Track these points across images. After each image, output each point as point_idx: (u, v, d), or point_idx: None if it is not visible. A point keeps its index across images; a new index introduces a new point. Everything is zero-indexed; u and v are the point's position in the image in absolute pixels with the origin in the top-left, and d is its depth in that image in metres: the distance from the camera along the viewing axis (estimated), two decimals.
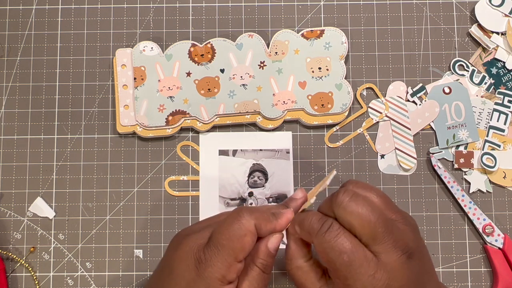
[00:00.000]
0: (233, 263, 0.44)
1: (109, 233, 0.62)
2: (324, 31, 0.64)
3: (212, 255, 0.44)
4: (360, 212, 0.43)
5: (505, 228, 0.62)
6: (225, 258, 0.44)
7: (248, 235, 0.45)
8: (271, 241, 0.47)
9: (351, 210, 0.43)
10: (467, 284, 0.61)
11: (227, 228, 0.45)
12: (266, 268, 0.47)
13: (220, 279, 0.44)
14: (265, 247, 0.46)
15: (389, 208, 0.46)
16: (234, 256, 0.44)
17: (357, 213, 0.43)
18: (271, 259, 0.47)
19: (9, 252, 0.61)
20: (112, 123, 0.63)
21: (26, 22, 0.65)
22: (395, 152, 0.63)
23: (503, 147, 0.63)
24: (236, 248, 0.44)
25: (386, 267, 0.42)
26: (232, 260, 0.44)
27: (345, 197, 0.44)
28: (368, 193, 0.46)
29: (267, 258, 0.47)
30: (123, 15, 0.65)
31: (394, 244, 0.43)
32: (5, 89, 0.64)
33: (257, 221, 0.45)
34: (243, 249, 0.45)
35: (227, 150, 0.63)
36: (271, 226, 0.47)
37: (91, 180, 0.62)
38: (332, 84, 0.62)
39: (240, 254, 0.45)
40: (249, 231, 0.45)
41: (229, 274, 0.44)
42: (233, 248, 0.44)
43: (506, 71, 0.64)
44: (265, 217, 0.46)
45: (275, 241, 0.47)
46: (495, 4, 0.65)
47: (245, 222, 0.45)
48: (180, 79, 0.62)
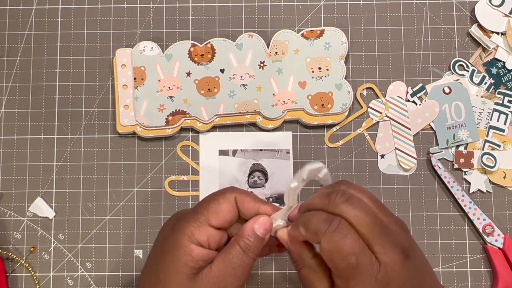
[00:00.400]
0: (205, 224, 0.46)
1: (109, 233, 0.62)
2: (324, 31, 0.64)
3: (188, 213, 0.47)
4: (357, 213, 0.43)
5: (505, 228, 0.62)
6: (198, 216, 0.46)
7: (225, 203, 0.47)
8: (258, 221, 0.47)
9: (348, 211, 0.43)
10: (467, 284, 0.61)
11: (210, 195, 0.48)
12: (247, 249, 0.46)
13: (189, 234, 0.45)
14: (250, 226, 0.47)
15: (382, 211, 0.45)
16: (207, 216, 0.46)
17: (355, 214, 0.43)
18: (255, 241, 0.47)
19: (9, 252, 0.61)
20: (112, 123, 0.63)
21: (26, 22, 0.65)
22: (395, 152, 0.63)
23: (503, 147, 0.63)
24: (210, 210, 0.46)
25: (386, 268, 0.42)
26: (204, 220, 0.46)
27: (341, 198, 0.44)
28: (360, 194, 0.45)
29: (252, 239, 0.46)
30: (123, 15, 0.65)
31: (392, 244, 0.43)
32: (5, 89, 0.64)
33: (239, 196, 0.47)
34: (216, 214, 0.46)
35: (227, 150, 0.63)
36: (255, 205, 0.47)
37: (91, 180, 0.62)
38: (332, 84, 0.62)
39: (213, 217, 0.46)
40: (227, 199, 0.47)
41: (197, 233, 0.45)
42: (207, 208, 0.46)
43: (506, 71, 0.64)
44: (251, 196, 0.48)
45: (262, 221, 0.47)
46: (495, 4, 0.65)
47: (227, 193, 0.47)
48: (180, 79, 0.62)
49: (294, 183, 0.46)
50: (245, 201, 0.47)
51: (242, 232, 0.47)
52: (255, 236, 0.47)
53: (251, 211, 0.47)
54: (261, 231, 0.47)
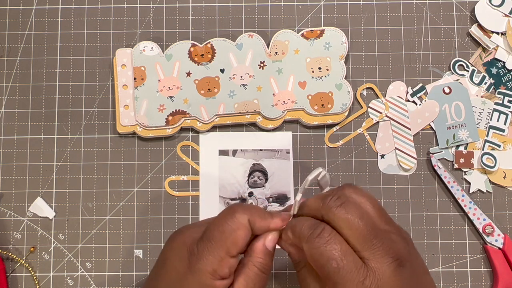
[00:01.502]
0: (225, 257, 0.44)
1: (109, 233, 0.62)
2: (324, 31, 0.64)
3: (204, 248, 0.45)
4: (349, 217, 0.43)
5: (505, 228, 0.62)
6: (217, 251, 0.44)
7: (241, 229, 0.45)
8: (268, 238, 0.46)
9: (340, 215, 0.43)
10: (467, 284, 0.61)
11: (220, 221, 0.45)
12: (264, 268, 0.46)
13: (211, 272, 0.44)
14: (262, 245, 0.46)
15: (383, 219, 0.45)
16: (226, 249, 0.44)
17: (346, 218, 0.43)
18: (269, 258, 0.47)
19: (9, 252, 0.61)
20: (112, 123, 0.63)
21: (26, 22, 0.65)
22: (395, 152, 0.63)
23: (503, 147, 0.63)
24: (229, 241, 0.44)
25: (375, 274, 0.42)
26: (224, 254, 0.44)
27: (336, 202, 0.43)
28: (363, 199, 0.45)
29: (265, 257, 0.46)
30: (123, 15, 0.65)
31: (384, 251, 0.42)
32: (5, 89, 0.64)
33: (251, 217, 0.46)
34: (236, 243, 0.45)
35: (227, 150, 0.63)
36: (266, 223, 0.46)
37: (91, 180, 0.62)
38: (332, 84, 0.62)
39: (233, 248, 0.45)
40: (242, 224, 0.45)
41: (220, 268, 0.44)
42: (225, 241, 0.44)
43: (506, 71, 0.64)
44: (259, 213, 0.46)
45: (272, 238, 0.46)
46: (495, 4, 0.65)
47: (239, 216, 0.45)
48: (180, 79, 0.62)
49: (299, 196, 0.47)
50: (256, 222, 0.46)
51: (255, 252, 0.46)
52: (268, 252, 0.46)
53: (262, 229, 0.47)
54: (272, 246, 0.47)
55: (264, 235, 0.47)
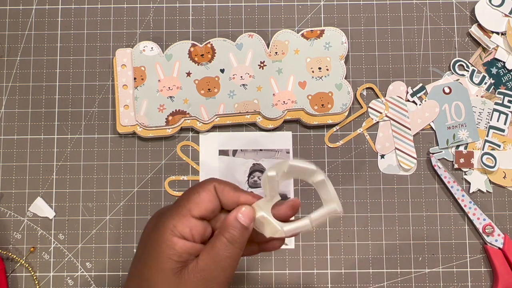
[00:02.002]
0: (186, 215, 0.45)
1: (109, 233, 0.62)
2: (324, 31, 0.64)
3: (169, 208, 0.47)
4: None
5: (505, 228, 0.62)
6: (179, 209, 0.46)
7: (205, 192, 0.46)
8: (241, 210, 0.46)
9: None
10: (467, 284, 0.61)
11: (190, 188, 0.48)
12: (234, 239, 0.46)
13: (171, 228, 0.45)
14: (233, 217, 0.46)
15: None
16: (188, 208, 0.45)
17: None
18: (240, 231, 0.46)
19: (9, 252, 0.61)
20: (112, 123, 0.63)
21: (26, 22, 0.65)
22: (395, 152, 0.63)
23: (503, 147, 0.63)
24: (191, 202, 0.46)
25: None
26: (186, 212, 0.45)
27: None
28: None
29: (235, 229, 0.46)
30: (123, 15, 0.65)
31: None
32: (5, 89, 0.64)
33: (218, 185, 0.47)
34: (198, 204, 0.46)
35: (227, 150, 0.63)
36: (233, 194, 0.47)
37: (91, 180, 0.62)
38: (332, 84, 0.62)
39: (194, 208, 0.45)
40: (207, 189, 0.46)
41: (180, 225, 0.45)
42: (188, 200, 0.46)
43: (506, 71, 0.64)
44: (230, 185, 0.47)
45: (245, 211, 0.46)
46: (495, 4, 0.65)
47: (205, 182, 0.47)
48: (180, 79, 0.62)
49: (271, 172, 0.46)
50: (224, 191, 0.47)
51: (226, 223, 0.46)
52: (240, 225, 0.46)
53: (231, 200, 0.47)
54: (244, 220, 0.46)
55: (237, 207, 0.47)
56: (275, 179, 0.46)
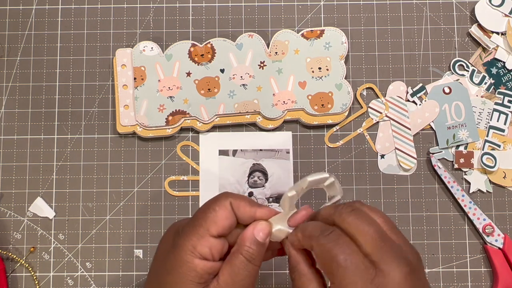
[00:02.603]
0: (205, 235, 0.45)
1: (109, 233, 0.62)
2: (324, 31, 0.64)
3: (187, 227, 0.46)
4: (359, 223, 0.43)
5: (505, 228, 0.62)
6: (197, 228, 0.45)
7: (221, 209, 0.46)
8: (257, 228, 0.46)
9: (350, 220, 0.43)
10: (467, 284, 0.61)
11: (205, 204, 0.47)
12: (251, 257, 0.46)
13: (191, 249, 0.44)
14: (250, 233, 0.46)
15: (393, 232, 0.44)
16: (206, 227, 0.45)
17: (357, 223, 0.43)
18: (257, 248, 0.46)
19: (9, 252, 0.61)
20: (112, 123, 0.63)
21: (26, 22, 0.65)
22: (395, 152, 0.63)
23: (503, 147, 0.63)
24: (208, 220, 0.45)
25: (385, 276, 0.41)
26: (204, 232, 0.45)
27: (347, 209, 0.44)
28: (373, 213, 0.44)
29: (252, 246, 0.46)
30: (123, 15, 0.65)
31: (395, 255, 0.42)
32: (5, 89, 0.64)
33: (234, 201, 0.46)
34: (215, 222, 0.45)
35: (227, 150, 0.63)
36: (251, 210, 0.46)
37: (91, 180, 0.62)
38: (332, 84, 0.62)
39: (212, 227, 0.45)
40: (223, 205, 0.46)
41: (200, 246, 0.44)
42: (205, 219, 0.45)
43: (506, 71, 0.64)
44: (245, 200, 0.47)
45: (260, 227, 0.46)
46: (495, 4, 0.65)
47: (221, 198, 0.46)
48: (180, 79, 0.62)
49: (291, 192, 0.46)
50: (240, 206, 0.46)
51: (243, 240, 0.46)
52: (256, 242, 0.46)
53: (247, 215, 0.46)
54: (261, 235, 0.46)
55: (253, 223, 0.46)
56: (294, 198, 0.47)
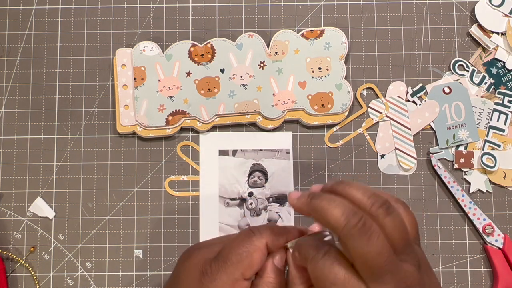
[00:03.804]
0: (239, 280, 0.43)
1: (109, 233, 0.62)
2: (324, 31, 0.64)
3: (218, 269, 0.44)
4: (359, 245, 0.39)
5: (505, 228, 0.62)
6: (231, 273, 0.43)
7: (257, 252, 0.44)
8: (276, 258, 0.45)
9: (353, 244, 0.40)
10: (467, 284, 0.61)
11: (237, 244, 0.44)
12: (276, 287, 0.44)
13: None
14: (271, 264, 0.45)
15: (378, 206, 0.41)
16: (241, 272, 0.43)
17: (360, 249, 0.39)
18: (280, 277, 0.45)
19: (9, 252, 0.61)
20: (112, 123, 0.63)
21: (26, 22, 0.65)
22: (395, 152, 0.63)
23: (503, 147, 0.63)
24: (245, 265, 0.43)
25: None
26: (239, 276, 0.43)
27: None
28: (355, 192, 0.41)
29: (275, 276, 0.44)
30: (123, 15, 0.65)
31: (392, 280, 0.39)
32: (5, 89, 0.64)
33: (268, 239, 0.44)
34: (251, 266, 0.43)
35: (227, 150, 0.63)
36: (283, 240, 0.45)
37: (91, 180, 0.62)
38: (332, 84, 0.62)
39: (248, 271, 0.43)
40: (259, 248, 0.44)
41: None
42: (241, 263, 0.43)
43: (506, 71, 0.64)
44: (276, 232, 0.45)
45: (279, 256, 0.45)
46: (495, 4, 0.65)
47: (256, 239, 0.44)
48: (180, 79, 0.62)
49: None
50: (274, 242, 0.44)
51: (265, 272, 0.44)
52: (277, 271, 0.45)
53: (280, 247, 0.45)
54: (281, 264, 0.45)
55: (273, 254, 0.45)
56: None
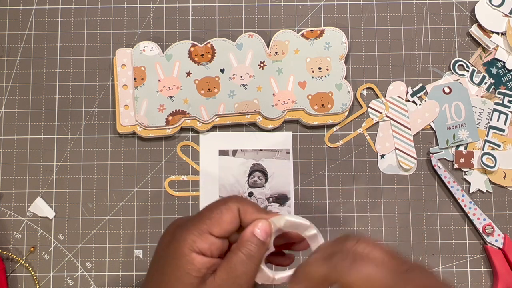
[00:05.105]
0: (206, 233, 0.45)
1: (109, 233, 0.62)
2: (324, 31, 0.64)
3: (190, 221, 0.46)
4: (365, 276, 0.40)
5: (505, 228, 0.62)
6: (200, 225, 0.45)
7: (228, 213, 0.46)
8: (258, 225, 0.46)
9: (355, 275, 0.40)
10: (467, 284, 0.61)
11: (212, 203, 0.47)
12: (250, 255, 0.45)
13: (190, 243, 0.44)
14: (250, 232, 0.46)
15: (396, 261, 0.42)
16: (208, 226, 0.45)
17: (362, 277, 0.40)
18: (258, 247, 0.45)
19: (9, 252, 0.61)
20: (112, 123, 0.63)
21: (26, 22, 0.65)
22: (395, 152, 0.63)
23: (503, 147, 0.63)
24: (213, 220, 0.45)
25: None
26: (205, 229, 0.45)
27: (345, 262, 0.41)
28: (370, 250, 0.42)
29: (252, 244, 0.45)
30: (123, 15, 0.65)
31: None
32: (5, 89, 0.64)
33: (242, 207, 0.46)
34: (219, 223, 0.45)
35: (227, 150, 0.63)
36: (256, 216, 0.46)
37: (91, 180, 0.62)
38: (332, 84, 0.62)
39: (215, 228, 0.45)
40: (230, 209, 0.46)
41: (199, 242, 0.44)
42: (210, 218, 0.45)
43: (506, 71, 0.64)
44: (254, 206, 0.46)
45: (262, 226, 0.46)
46: (495, 4, 0.65)
47: (230, 202, 0.46)
48: (180, 79, 0.62)
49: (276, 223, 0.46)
50: (248, 212, 0.46)
51: (243, 238, 0.46)
52: (257, 241, 0.45)
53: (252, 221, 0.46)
54: (261, 234, 0.46)
55: (255, 222, 0.46)
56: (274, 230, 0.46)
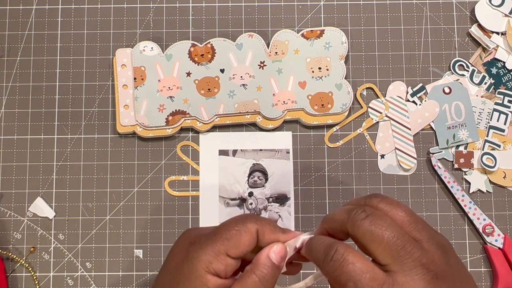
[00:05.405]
0: (223, 254, 0.44)
1: (109, 233, 0.62)
2: (324, 31, 0.64)
3: (205, 240, 0.45)
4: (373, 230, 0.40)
5: (505, 228, 0.62)
6: (216, 246, 0.44)
7: (247, 235, 0.45)
8: (273, 249, 0.45)
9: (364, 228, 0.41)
10: None
11: (230, 223, 0.45)
12: (264, 278, 0.45)
13: (206, 263, 0.44)
14: (265, 255, 0.45)
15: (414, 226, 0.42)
16: (225, 247, 0.44)
17: (370, 231, 0.40)
18: (272, 271, 0.45)
19: (9, 252, 0.61)
20: (112, 123, 0.63)
21: (26, 22, 0.65)
22: (395, 152, 0.63)
23: (503, 147, 0.63)
24: (231, 241, 0.44)
25: None
26: (222, 251, 0.44)
27: (360, 215, 0.42)
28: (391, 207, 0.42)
29: (267, 268, 0.45)
30: (123, 15, 0.65)
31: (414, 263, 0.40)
32: (5, 89, 0.64)
33: (260, 228, 0.45)
34: (237, 246, 0.44)
35: (227, 150, 0.63)
36: (274, 237, 0.46)
37: (91, 180, 0.62)
38: (332, 84, 0.62)
39: (232, 249, 0.44)
40: (249, 231, 0.45)
41: (215, 263, 0.44)
42: (228, 239, 0.44)
43: (506, 71, 0.64)
44: (271, 226, 0.46)
45: (277, 249, 0.45)
46: (495, 4, 0.65)
47: (249, 223, 0.45)
48: (180, 79, 0.62)
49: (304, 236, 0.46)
50: (265, 233, 0.45)
51: (258, 260, 0.45)
52: (271, 264, 0.45)
53: (269, 242, 0.46)
54: (276, 258, 0.45)
55: (270, 245, 0.45)
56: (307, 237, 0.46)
